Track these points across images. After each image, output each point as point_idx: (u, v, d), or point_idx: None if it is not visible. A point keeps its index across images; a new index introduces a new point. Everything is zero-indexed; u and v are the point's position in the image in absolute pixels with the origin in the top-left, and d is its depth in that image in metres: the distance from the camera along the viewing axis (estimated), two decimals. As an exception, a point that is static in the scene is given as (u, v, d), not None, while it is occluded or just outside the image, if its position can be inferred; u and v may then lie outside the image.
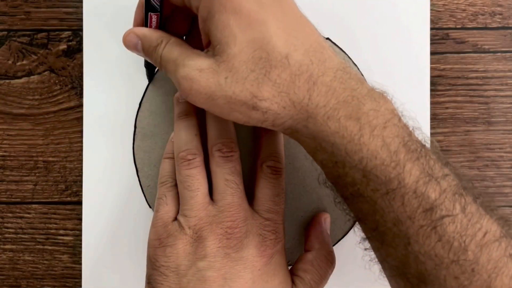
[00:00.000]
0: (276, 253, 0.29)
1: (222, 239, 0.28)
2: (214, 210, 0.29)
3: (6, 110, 0.36)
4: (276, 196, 0.30)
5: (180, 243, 0.28)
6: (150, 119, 0.34)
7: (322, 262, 0.31)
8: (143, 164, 0.34)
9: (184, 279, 0.28)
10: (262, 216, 0.30)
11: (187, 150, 0.30)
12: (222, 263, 0.28)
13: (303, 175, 0.34)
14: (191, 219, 0.29)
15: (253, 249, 0.28)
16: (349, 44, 0.35)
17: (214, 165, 0.30)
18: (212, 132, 0.31)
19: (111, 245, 0.35)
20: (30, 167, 0.36)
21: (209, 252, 0.28)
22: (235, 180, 0.29)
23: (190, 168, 0.30)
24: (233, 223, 0.29)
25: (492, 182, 0.35)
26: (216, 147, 0.30)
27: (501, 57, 0.35)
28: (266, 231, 0.29)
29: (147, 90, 0.34)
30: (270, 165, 0.30)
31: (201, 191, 0.29)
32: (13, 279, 0.36)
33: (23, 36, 0.36)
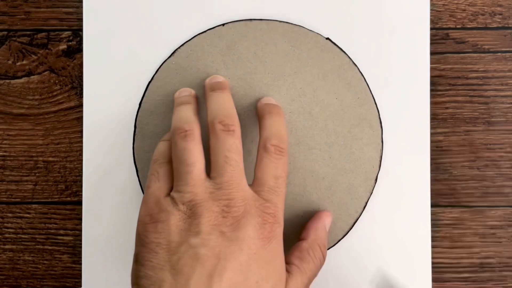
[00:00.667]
0: (274, 238, 0.28)
1: (218, 217, 0.27)
2: (211, 187, 0.28)
3: (6, 110, 0.36)
4: (278, 178, 0.29)
5: (173, 219, 0.27)
6: (150, 119, 0.34)
7: (317, 252, 0.31)
8: (143, 164, 0.34)
9: (174, 256, 0.26)
10: (262, 197, 0.28)
11: (185, 124, 0.29)
12: (217, 242, 0.26)
13: (303, 175, 0.34)
14: (185, 194, 0.27)
15: (250, 230, 0.27)
16: (349, 44, 0.35)
17: (214, 140, 0.29)
18: (212, 106, 0.30)
19: (111, 245, 0.35)
20: (30, 167, 0.36)
21: (203, 230, 0.26)
22: (235, 157, 0.28)
23: (187, 140, 0.28)
24: (230, 201, 0.27)
25: (492, 182, 0.35)
26: (218, 119, 0.29)
27: (501, 57, 0.35)
28: (266, 213, 0.28)
29: (147, 90, 0.34)
30: (274, 144, 0.29)
31: (197, 167, 0.28)
32: (13, 279, 0.36)
33: (23, 36, 0.36)
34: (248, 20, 0.34)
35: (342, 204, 0.34)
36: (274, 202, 0.28)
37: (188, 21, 0.35)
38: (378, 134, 0.34)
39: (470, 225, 0.35)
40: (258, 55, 0.34)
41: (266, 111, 0.32)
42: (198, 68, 0.34)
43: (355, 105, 0.34)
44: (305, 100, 0.34)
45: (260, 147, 0.30)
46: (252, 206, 0.28)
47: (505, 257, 0.35)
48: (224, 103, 0.31)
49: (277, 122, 0.31)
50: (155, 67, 0.35)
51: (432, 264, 0.35)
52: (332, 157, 0.34)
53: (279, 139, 0.30)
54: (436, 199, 0.35)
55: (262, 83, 0.34)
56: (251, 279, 0.26)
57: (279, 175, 0.29)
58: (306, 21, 0.35)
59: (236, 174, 0.28)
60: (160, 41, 0.35)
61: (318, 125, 0.34)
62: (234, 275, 0.26)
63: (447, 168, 0.35)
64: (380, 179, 0.35)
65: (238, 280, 0.26)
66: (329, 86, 0.34)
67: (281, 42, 0.34)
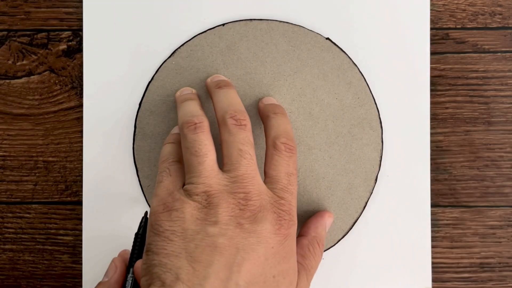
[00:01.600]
0: (289, 235, 0.27)
1: (235, 208, 0.26)
2: (225, 179, 0.27)
3: (6, 110, 0.36)
4: (290, 175, 0.28)
5: (188, 207, 0.26)
6: (150, 119, 0.34)
7: (316, 249, 0.31)
8: (143, 164, 0.34)
9: (191, 243, 0.25)
10: (277, 194, 0.28)
11: (193, 117, 0.29)
12: (235, 232, 0.26)
13: (303, 175, 0.34)
14: (199, 185, 0.27)
15: (268, 224, 0.26)
16: (349, 44, 0.35)
17: (226, 134, 0.28)
18: (220, 103, 0.30)
19: (111, 245, 0.35)
20: (30, 167, 0.36)
21: (221, 220, 0.26)
22: (249, 151, 0.28)
23: (197, 132, 0.28)
24: (246, 195, 0.27)
25: (492, 182, 0.35)
26: (229, 114, 0.29)
27: (501, 57, 0.35)
28: (281, 210, 0.27)
29: (147, 90, 0.34)
30: (284, 142, 0.29)
31: (209, 157, 0.27)
32: (13, 279, 0.36)
33: (23, 36, 0.36)
34: (248, 20, 0.34)
35: (342, 204, 0.34)
36: (288, 200, 0.28)
37: (188, 21, 0.35)
38: (378, 134, 0.34)
39: (470, 225, 0.35)
40: (258, 55, 0.34)
41: (270, 111, 0.32)
42: (198, 68, 0.34)
43: (355, 105, 0.34)
44: (305, 100, 0.34)
45: (269, 145, 0.29)
46: (268, 202, 0.27)
47: (505, 257, 0.35)
48: (233, 99, 0.31)
49: (284, 122, 0.31)
50: (155, 67, 0.35)
51: (432, 264, 0.35)
52: (332, 157, 0.34)
53: (288, 137, 0.29)
54: (436, 199, 0.35)
55: (262, 83, 0.34)
56: (268, 274, 0.26)
57: (291, 172, 0.29)
58: (306, 21, 0.34)
59: (251, 168, 0.27)
60: (160, 41, 0.35)
61: (318, 125, 0.34)
62: (252, 267, 0.25)
63: (447, 168, 0.35)
64: (380, 179, 0.35)
65: (256, 273, 0.25)
66: (329, 86, 0.34)
67: (281, 42, 0.34)
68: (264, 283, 0.25)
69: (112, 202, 0.35)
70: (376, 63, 0.35)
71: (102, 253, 0.35)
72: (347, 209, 0.34)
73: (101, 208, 0.35)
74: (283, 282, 0.26)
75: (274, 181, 0.28)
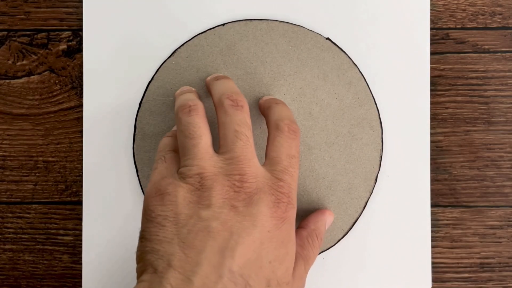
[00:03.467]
0: (287, 219, 0.26)
1: (229, 191, 0.25)
2: (220, 161, 0.26)
3: (6, 110, 0.36)
4: (291, 158, 0.27)
5: (181, 191, 0.25)
6: (150, 119, 0.34)
7: (314, 241, 0.30)
8: (143, 164, 0.34)
9: (183, 229, 0.25)
10: (276, 176, 0.27)
11: (188, 101, 0.28)
12: (229, 216, 0.25)
13: (303, 175, 0.34)
14: (193, 167, 0.26)
15: (264, 207, 0.25)
16: (349, 44, 0.35)
17: (222, 115, 0.27)
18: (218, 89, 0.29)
19: (111, 245, 0.35)
20: (30, 167, 0.36)
21: (214, 202, 0.25)
22: (245, 132, 0.27)
23: (192, 115, 0.27)
24: (242, 176, 0.26)
25: (492, 182, 0.35)
26: (226, 95, 0.28)
27: (501, 57, 0.35)
28: (279, 192, 0.26)
29: (147, 90, 0.34)
30: (287, 123, 0.28)
31: (203, 140, 0.27)
32: (13, 279, 0.36)
33: (23, 36, 0.36)
34: (248, 20, 0.34)
35: (342, 204, 0.34)
36: (287, 182, 0.27)
37: (188, 21, 0.35)
38: (378, 134, 0.34)
39: (470, 225, 0.35)
40: (258, 55, 0.34)
41: (272, 102, 0.31)
42: (198, 68, 0.34)
43: (355, 105, 0.34)
44: (305, 100, 0.34)
45: (272, 128, 0.29)
46: (265, 184, 0.26)
47: (505, 257, 0.35)
48: (230, 85, 0.30)
49: (286, 109, 0.30)
50: (155, 67, 0.35)
51: (432, 264, 0.35)
52: (332, 157, 0.34)
53: (291, 120, 0.29)
54: (436, 199, 0.35)
55: (262, 83, 0.34)
56: (264, 259, 0.25)
57: (293, 155, 0.28)
58: (306, 21, 0.35)
59: (247, 150, 0.26)
60: (160, 41, 0.35)
61: (318, 125, 0.34)
62: (247, 252, 0.24)
63: (447, 168, 0.35)
64: (380, 179, 0.35)
65: (251, 258, 0.24)
66: (329, 86, 0.34)
67: (281, 42, 0.34)
68: (260, 269, 0.24)
69: (112, 202, 0.35)
70: (376, 63, 0.35)
71: (102, 253, 0.35)
72: (347, 209, 0.34)
73: (101, 208, 0.35)
74: (279, 268, 0.25)
75: (274, 163, 0.27)
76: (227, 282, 0.23)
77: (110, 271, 0.35)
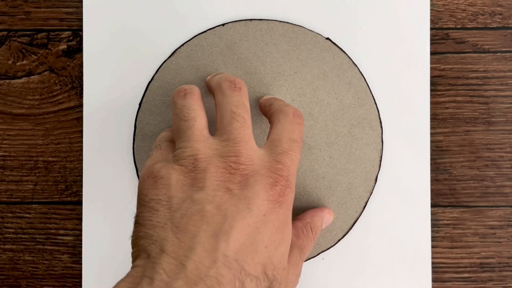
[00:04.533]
0: (285, 202, 0.25)
1: (224, 173, 0.25)
2: (216, 143, 0.26)
3: (6, 110, 0.36)
4: (293, 141, 0.26)
5: (174, 173, 0.25)
6: (150, 119, 0.34)
7: (309, 233, 0.30)
8: (143, 164, 0.34)
9: (176, 213, 0.24)
10: (274, 159, 0.26)
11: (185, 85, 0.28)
12: (223, 199, 0.24)
13: (303, 175, 0.34)
14: (187, 149, 0.25)
15: (260, 190, 0.24)
16: (349, 44, 0.35)
17: (219, 96, 0.27)
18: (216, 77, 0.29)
19: (111, 245, 0.35)
20: (30, 167, 0.36)
21: (208, 185, 0.24)
22: (243, 114, 0.26)
23: (187, 98, 0.27)
24: (238, 158, 0.25)
25: (492, 182, 0.35)
26: (224, 77, 0.27)
27: (501, 57, 0.35)
28: (277, 175, 0.25)
29: (147, 90, 0.34)
30: (292, 108, 0.28)
31: (198, 122, 0.26)
32: (13, 279, 0.36)
33: (23, 36, 0.36)
34: (248, 20, 0.34)
35: (342, 204, 0.34)
36: (287, 165, 0.26)
37: (188, 21, 0.35)
38: (378, 134, 0.34)
39: (470, 225, 0.35)
40: (258, 55, 0.34)
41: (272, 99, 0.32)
42: (198, 68, 0.34)
43: (355, 105, 0.34)
44: (305, 100, 0.34)
45: (276, 112, 0.28)
46: (262, 166, 0.25)
47: (505, 257, 0.35)
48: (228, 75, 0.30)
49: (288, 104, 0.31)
50: (155, 67, 0.35)
51: (432, 264, 0.35)
52: (332, 157, 0.34)
53: (296, 109, 0.29)
54: (436, 199, 0.35)
55: (262, 83, 0.34)
56: (259, 243, 0.24)
57: (295, 139, 0.27)
58: (306, 21, 0.35)
59: (244, 132, 0.26)
60: (160, 41, 0.35)
61: (318, 125, 0.34)
62: (241, 236, 0.24)
63: (447, 168, 0.35)
64: (380, 179, 0.35)
65: (245, 242, 0.24)
66: (329, 86, 0.34)
67: (281, 42, 0.34)
68: (256, 253, 0.24)
69: (112, 202, 0.35)
70: (376, 63, 0.35)
71: (102, 253, 0.35)
72: (347, 209, 0.34)
73: (101, 208, 0.35)
74: (275, 253, 0.25)
75: (274, 145, 0.26)
76: (221, 267, 0.23)
77: (110, 271, 0.35)
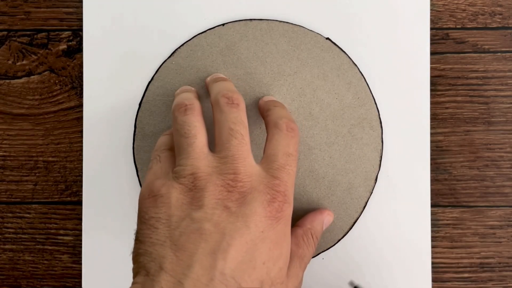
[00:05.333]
0: (283, 218, 0.26)
1: (222, 191, 0.25)
2: (215, 161, 0.26)
3: (6, 110, 0.36)
4: (289, 155, 0.27)
5: (174, 192, 0.25)
6: (150, 119, 0.34)
7: (310, 240, 0.30)
8: (143, 164, 0.34)
9: (176, 231, 0.24)
10: (271, 175, 0.26)
11: (185, 100, 0.28)
12: (221, 217, 0.25)
13: (303, 175, 0.34)
14: (187, 167, 0.26)
15: (258, 207, 0.25)
16: (349, 44, 0.35)
17: (217, 113, 0.27)
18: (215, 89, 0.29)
19: (111, 245, 0.35)
20: (30, 167, 0.36)
21: (207, 203, 0.25)
22: (240, 130, 0.27)
23: (187, 114, 0.27)
24: (236, 176, 0.25)
25: (492, 182, 0.35)
26: (221, 93, 0.28)
27: (501, 57, 0.35)
28: (275, 191, 0.26)
29: (147, 90, 0.34)
30: (286, 122, 0.28)
31: (198, 139, 0.27)
32: (13, 279, 0.36)
33: (23, 36, 0.36)
34: (248, 20, 0.34)
35: (342, 204, 0.34)
36: (284, 180, 0.26)
37: (188, 21, 0.35)
38: (378, 134, 0.34)
39: (470, 225, 0.35)
40: (258, 55, 0.34)
41: (271, 104, 0.31)
42: (198, 68, 0.34)
43: (355, 105, 0.34)
44: (305, 100, 0.34)
45: (271, 126, 0.28)
46: (260, 182, 0.26)
47: (505, 257, 0.35)
48: (227, 85, 0.30)
49: (284, 110, 0.31)
50: (155, 67, 0.35)
51: (432, 264, 0.35)
52: (332, 157, 0.34)
53: (290, 120, 0.29)
54: (436, 199, 0.35)
55: (262, 83, 0.34)
56: (257, 260, 0.24)
57: (290, 153, 0.27)
58: (306, 21, 0.35)
59: (242, 148, 0.26)
60: (160, 41, 0.35)
61: (318, 125, 0.34)
62: (239, 253, 0.24)
63: (447, 168, 0.35)
64: (380, 179, 0.35)
65: (243, 259, 0.24)
66: (329, 86, 0.34)
67: (281, 42, 0.34)
68: (253, 270, 0.24)
69: (112, 202, 0.35)
70: (376, 63, 0.35)
71: (102, 253, 0.35)
72: (347, 209, 0.34)
73: (101, 208, 0.35)
74: (273, 269, 0.25)
75: (270, 160, 0.27)
76: (218, 284, 0.23)
77: (110, 271, 0.35)
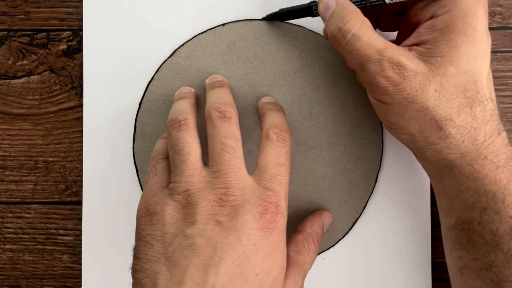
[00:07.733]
0: (276, 229, 0.26)
1: (214, 206, 0.26)
2: (208, 175, 0.27)
3: (6, 110, 0.36)
4: (280, 166, 0.28)
5: (168, 209, 0.26)
6: (150, 119, 0.34)
7: (311, 245, 0.31)
8: (143, 164, 0.34)
9: (169, 248, 0.25)
10: (263, 186, 0.27)
11: (179, 115, 0.29)
12: (213, 232, 0.25)
13: (303, 175, 0.34)
14: (181, 184, 0.27)
15: (250, 220, 0.25)
16: (349, 44, 0.35)
17: (210, 127, 0.28)
18: (209, 100, 0.29)
19: (111, 245, 0.35)
20: (30, 167, 0.36)
21: (199, 219, 0.25)
22: (232, 144, 0.27)
23: (181, 130, 0.28)
24: (228, 190, 0.26)
25: (492, 182, 0.35)
26: (213, 107, 0.28)
27: (501, 57, 0.35)
28: (267, 202, 0.26)
29: (147, 90, 0.34)
30: (276, 132, 0.29)
31: (192, 155, 0.27)
32: (13, 279, 0.36)
33: (23, 36, 0.36)
34: (248, 20, 0.34)
35: (342, 204, 0.34)
36: (276, 190, 0.27)
37: (188, 21, 0.35)
38: (378, 134, 0.34)
39: (470, 225, 0.35)
40: (258, 55, 0.34)
41: (267, 108, 0.32)
42: (198, 68, 0.34)
43: (356, 105, 0.34)
44: (306, 100, 0.34)
45: (262, 137, 0.29)
46: (252, 195, 0.26)
47: (505, 257, 0.35)
48: (221, 95, 0.30)
49: (278, 116, 0.31)
50: (155, 67, 0.35)
51: (432, 264, 0.35)
52: (332, 157, 0.34)
53: (281, 128, 0.29)
54: (436, 199, 0.35)
55: (262, 83, 0.34)
56: (250, 272, 0.25)
57: (282, 163, 0.28)
58: (306, 21, 0.34)
59: (234, 162, 0.27)
60: (160, 41, 0.35)
61: (318, 125, 0.34)
62: (231, 267, 0.25)
63: (447, 168, 0.35)
64: (381, 179, 0.35)
65: (235, 273, 0.25)
66: (330, 86, 0.34)
67: (281, 42, 0.34)
68: (246, 282, 0.25)
69: (112, 202, 0.35)
70: (376, 63, 0.35)
71: (102, 253, 0.35)
72: (347, 209, 0.34)
73: (101, 208, 0.35)
74: (267, 280, 0.25)
75: (262, 172, 0.27)
76: None
77: (110, 271, 0.35)
